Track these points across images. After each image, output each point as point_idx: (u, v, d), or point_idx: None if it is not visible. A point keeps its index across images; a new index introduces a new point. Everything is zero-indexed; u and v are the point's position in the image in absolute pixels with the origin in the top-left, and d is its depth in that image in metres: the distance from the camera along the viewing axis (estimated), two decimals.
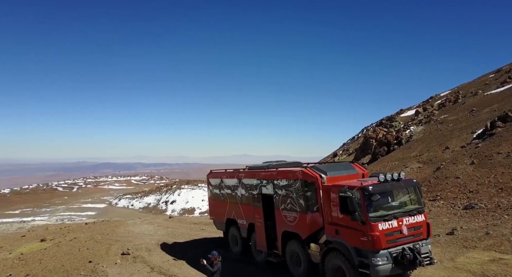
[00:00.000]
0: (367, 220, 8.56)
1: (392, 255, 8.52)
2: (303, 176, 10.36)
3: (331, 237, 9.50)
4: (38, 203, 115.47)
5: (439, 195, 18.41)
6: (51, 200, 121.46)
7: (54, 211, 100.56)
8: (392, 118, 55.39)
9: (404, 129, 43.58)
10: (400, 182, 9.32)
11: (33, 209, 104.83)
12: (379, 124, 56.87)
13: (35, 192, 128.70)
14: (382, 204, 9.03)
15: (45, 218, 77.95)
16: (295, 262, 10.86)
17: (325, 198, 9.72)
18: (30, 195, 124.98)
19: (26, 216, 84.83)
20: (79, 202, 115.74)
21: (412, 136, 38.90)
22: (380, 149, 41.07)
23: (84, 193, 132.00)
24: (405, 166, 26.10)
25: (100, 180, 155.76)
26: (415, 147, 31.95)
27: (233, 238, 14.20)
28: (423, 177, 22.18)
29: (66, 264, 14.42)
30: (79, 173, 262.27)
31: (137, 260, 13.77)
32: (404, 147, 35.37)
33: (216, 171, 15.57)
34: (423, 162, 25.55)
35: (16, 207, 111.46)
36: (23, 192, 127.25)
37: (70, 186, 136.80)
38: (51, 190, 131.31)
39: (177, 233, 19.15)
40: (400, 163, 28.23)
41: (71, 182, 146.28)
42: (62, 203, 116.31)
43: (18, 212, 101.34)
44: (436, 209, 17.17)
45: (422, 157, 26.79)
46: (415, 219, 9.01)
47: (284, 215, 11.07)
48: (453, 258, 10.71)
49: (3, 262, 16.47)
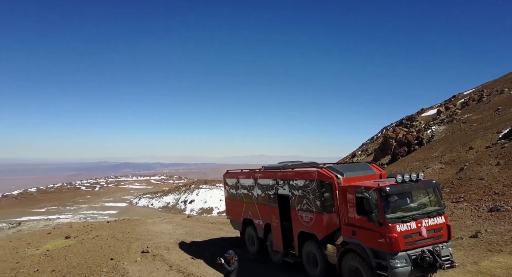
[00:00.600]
0: (384, 222, 8.44)
1: (411, 257, 8.37)
2: (319, 177, 10.31)
3: (348, 238, 9.42)
4: (63, 202, 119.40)
5: (462, 197, 17.91)
6: (75, 199, 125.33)
7: (78, 210, 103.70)
8: (413, 118, 54.12)
9: (425, 129, 42.55)
10: (419, 183, 9.13)
11: (58, 208, 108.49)
12: (399, 124, 55.67)
13: (60, 191, 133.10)
14: (400, 205, 8.88)
15: (69, 216, 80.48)
16: (312, 262, 10.82)
17: (342, 199, 9.65)
18: (55, 194, 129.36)
19: (52, 214, 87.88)
20: (101, 201, 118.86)
21: (433, 136, 37.95)
22: (400, 150, 40.26)
23: (106, 192, 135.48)
24: (427, 167, 25.52)
25: (121, 180, 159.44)
26: (437, 147, 31.18)
27: (250, 238, 14.28)
28: (446, 178, 21.63)
29: (89, 261, 14.85)
30: (100, 172, 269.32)
31: (156, 258, 14.04)
32: (426, 148, 34.58)
33: (233, 171, 15.70)
34: (445, 163, 24.91)
35: (43, 205, 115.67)
36: (48, 191, 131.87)
37: (92, 186, 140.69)
38: (75, 189, 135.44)
39: (195, 232, 19.39)
40: (421, 163, 27.63)
41: (93, 182, 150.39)
42: (85, 201, 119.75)
43: (44, 210, 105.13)
44: (459, 211, 16.71)
45: (444, 157, 26.13)
46: (435, 221, 8.81)
47: (300, 216, 11.05)
48: (476, 261, 10.40)
49: (31, 257, 17.16)
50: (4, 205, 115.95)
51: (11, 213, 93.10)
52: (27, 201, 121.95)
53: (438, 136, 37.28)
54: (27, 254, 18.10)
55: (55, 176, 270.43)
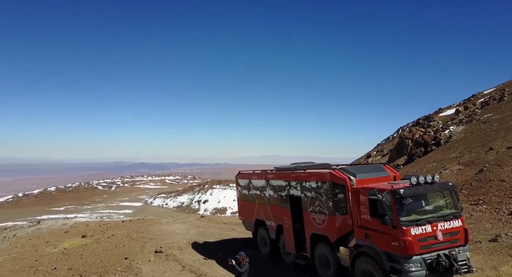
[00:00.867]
0: (398, 225, 8.27)
1: (426, 261, 8.17)
2: (331, 178, 10.19)
3: (361, 241, 9.27)
4: (80, 201, 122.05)
5: (481, 199, 17.42)
6: (92, 198, 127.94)
7: (95, 209, 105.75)
8: (430, 118, 52.97)
9: (443, 129, 41.63)
10: (434, 185, 8.91)
11: (76, 207, 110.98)
12: (415, 124, 54.55)
13: (77, 190, 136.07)
14: (415, 208, 8.69)
15: (86, 215, 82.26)
16: (324, 265, 10.71)
17: (354, 201, 9.51)
18: (73, 193, 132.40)
19: (70, 213, 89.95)
20: (117, 201, 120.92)
21: (451, 137, 37.10)
22: (417, 150, 39.48)
23: (122, 192, 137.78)
24: (444, 168, 24.94)
25: (136, 180, 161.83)
26: (455, 148, 30.45)
27: (262, 239, 14.24)
28: (464, 179, 21.09)
29: (104, 260, 15.11)
30: (117, 172, 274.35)
31: (169, 258, 14.16)
32: (443, 148, 33.83)
33: (245, 172, 15.70)
34: (464, 164, 24.29)
35: (61, 204, 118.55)
36: (66, 190, 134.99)
37: (109, 185, 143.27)
38: (92, 189, 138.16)
39: (208, 233, 19.48)
40: (439, 164, 27.03)
41: (110, 181, 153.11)
42: (101, 201, 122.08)
43: (62, 209, 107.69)
44: (478, 214, 16.25)
45: (463, 158, 25.48)
46: (451, 225, 8.58)
47: (313, 217, 10.95)
48: (496, 266, 10.07)
49: (49, 255, 17.60)
50: (25, 204, 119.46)
51: (31, 211, 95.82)
52: (46, 200, 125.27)
53: (457, 136, 36.43)
54: (46, 252, 18.56)
55: (73, 175, 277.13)
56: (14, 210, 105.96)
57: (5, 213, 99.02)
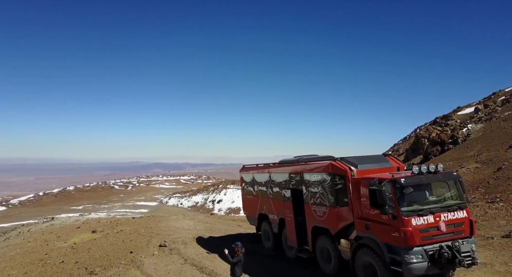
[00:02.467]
0: (398, 215, 7.96)
1: (428, 253, 7.84)
2: (332, 169, 9.94)
3: (361, 233, 8.99)
4: (98, 200, 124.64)
5: (498, 197, 16.80)
6: (109, 197, 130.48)
7: (112, 208, 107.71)
8: (448, 117, 51.53)
9: (461, 127, 40.53)
10: (438, 174, 8.55)
11: (93, 206, 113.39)
12: (432, 123, 53.18)
13: (95, 190, 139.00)
14: (417, 198, 8.36)
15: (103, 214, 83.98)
16: (326, 258, 10.45)
17: (355, 192, 9.24)
18: (90, 192, 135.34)
19: (87, 212, 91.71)
20: (133, 200, 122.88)
21: (469, 135, 36.08)
22: (433, 149, 38.60)
23: (138, 191, 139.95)
24: (461, 166, 24.28)
25: (152, 179, 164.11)
26: (473, 146, 29.58)
27: (265, 234, 14.07)
28: (481, 178, 20.44)
29: (110, 253, 15.24)
30: (133, 172, 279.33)
31: (173, 252, 14.16)
32: (461, 147, 32.95)
33: (249, 166, 15.56)
34: (481, 162, 23.56)
35: (79, 203, 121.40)
36: (84, 190, 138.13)
37: (125, 185, 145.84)
38: (109, 188, 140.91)
39: (214, 229, 19.43)
40: (455, 163, 26.32)
41: (126, 181, 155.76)
42: (118, 200, 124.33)
43: (81, 208, 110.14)
44: (493, 211, 15.64)
45: (480, 156, 24.73)
46: (456, 215, 8.21)
47: (314, 210, 10.71)
48: (507, 262, 9.62)
49: (58, 250, 17.89)
50: (45, 203, 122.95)
51: (51, 210, 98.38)
52: (65, 199, 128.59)
53: (475, 134, 35.45)
54: (56, 246, 18.89)
55: (91, 175, 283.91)
56: (35, 209, 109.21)
57: (27, 211, 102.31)
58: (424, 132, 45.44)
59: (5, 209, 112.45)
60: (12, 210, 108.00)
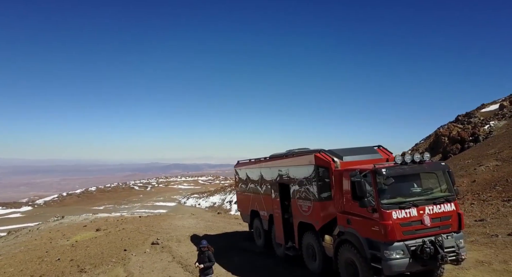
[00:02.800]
0: (378, 208, 7.35)
1: (409, 248, 7.19)
2: (316, 161, 9.40)
3: (343, 228, 8.42)
4: (118, 200, 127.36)
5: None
6: (129, 198, 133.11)
7: (131, 208, 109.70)
8: (471, 114, 49.31)
9: (482, 124, 38.78)
10: (423, 165, 7.87)
11: (114, 206, 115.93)
12: (454, 121, 51.08)
13: (116, 190, 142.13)
14: (401, 190, 7.72)
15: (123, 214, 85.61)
16: (311, 255, 9.91)
17: (338, 184, 8.67)
18: (111, 193, 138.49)
19: (108, 212, 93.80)
20: (152, 201, 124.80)
21: (491, 132, 34.46)
22: (452, 147, 37.17)
23: (157, 192, 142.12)
24: (480, 164, 23.10)
25: (171, 180, 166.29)
26: (495, 143, 28.14)
27: (257, 231, 13.63)
28: (500, 176, 19.28)
29: (105, 251, 15.19)
30: (152, 173, 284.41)
31: (164, 250, 13.95)
32: (482, 144, 31.51)
33: (243, 161, 15.14)
34: (502, 160, 22.32)
35: (101, 203, 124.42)
36: (106, 190, 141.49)
37: (144, 185, 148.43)
38: (129, 189, 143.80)
39: (214, 227, 19.17)
40: (474, 161, 25.07)
41: (146, 182, 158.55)
42: (138, 201, 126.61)
43: (102, 208, 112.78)
44: (506, 210, 14.64)
45: (501, 154, 23.46)
46: (442, 209, 7.51)
47: (300, 205, 10.19)
48: (506, 260, 8.82)
49: (59, 247, 18.05)
50: (68, 203, 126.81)
51: (74, 210, 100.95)
52: (87, 199, 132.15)
53: (497, 131, 33.93)
54: (58, 244, 19.08)
55: (112, 176, 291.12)
56: (58, 209, 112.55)
57: (51, 211, 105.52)
58: (444, 130, 43.83)
59: (31, 209, 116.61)
60: (37, 210, 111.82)
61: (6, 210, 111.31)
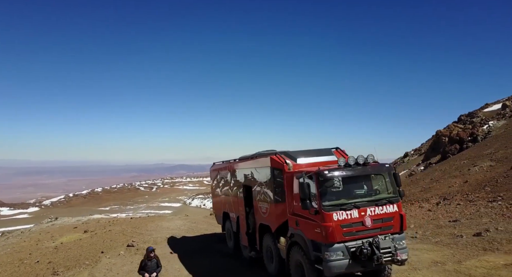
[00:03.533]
0: (320, 209, 7.33)
1: (349, 249, 7.18)
2: (272, 164, 9.41)
3: (293, 230, 8.43)
4: (124, 201, 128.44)
5: (501, 196, 15.65)
6: (134, 198, 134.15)
7: (137, 209, 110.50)
8: (473, 114, 48.69)
9: (481, 124, 38.32)
10: (367, 167, 7.82)
11: (120, 207, 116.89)
12: (457, 121, 50.49)
13: (121, 191, 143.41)
14: (345, 192, 7.68)
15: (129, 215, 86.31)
16: (269, 257, 9.91)
17: (288, 186, 8.66)
18: (117, 193, 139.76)
19: (114, 213, 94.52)
20: (158, 201, 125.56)
21: (490, 132, 34.04)
22: (451, 147, 36.83)
23: (162, 192, 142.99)
24: (474, 165, 22.96)
25: (176, 181, 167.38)
26: (492, 143, 27.91)
27: (228, 232, 13.65)
28: (491, 176, 19.08)
29: (84, 253, 15.33)
30: (157, 174, 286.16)
31: (138, 252, 13.99)
32: (480, 144, 31.27)
33: (217, 163, 15.17)
34: (496, 160, 22.15)
35: (107, 204, 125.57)
36: (111, 191, 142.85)
37: (150, 186, 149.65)
38: (134, 190, 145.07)
39: (196, 228, 19.26)
40: (470, 161, 24.92)
41: (151, 183, 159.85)
42: (143, 201, 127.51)
43: (108, 209, 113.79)
44: (486, 210, 14.55)
45: (496, 154, 23.29)
46: (384, 210, 7.47)
47: (260, 207, 10.21)
48: (461, 260, 8.71)
49: (43, 249, 18.23)
50: (75, 203, 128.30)
51: (80, 211, 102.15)
52: (94, 200, 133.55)
53: (496, 131, 33.61)
54: (44, 246, 19.29)
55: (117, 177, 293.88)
56: (65, 209, 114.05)
57: (57, 212, 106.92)
58: (445, 130, 43.47)
59: (38, 209, 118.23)
60: (44, 211, 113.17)
61: (14, 211, 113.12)
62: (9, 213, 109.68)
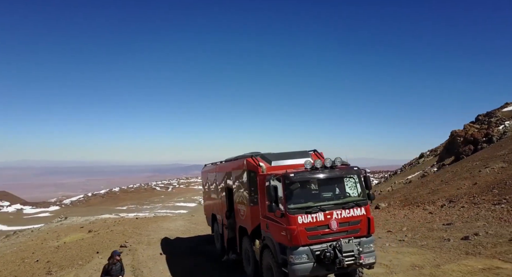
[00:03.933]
0: (285, 212, 7.24)
1: (314, 253, 7.06)
2: (247, 166, 9.36)
3: (264, 232, 8.37)
4: (141, 201, 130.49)
5: (506, 199, 15.03)
6: (151, 198, 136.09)
7: (153, 209, 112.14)
8: (492, 114, 46.94)
9: (497, 124, 36.93)
10: (335, 170, 7.65)
11: (137, 206, 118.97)
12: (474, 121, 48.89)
13: (138, 191, 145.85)
14: (312, 195, 7.56)
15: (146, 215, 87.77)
16: (247, 260, 9.85)
17: (261, 189, 8.59)
18: (134, 193, 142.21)
19: (131, 212, 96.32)
20: (173, 201, 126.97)
21: (506, 133, 32.83)
22: (465, 148, 35.65)
23: (178, 192, 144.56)
24: (485, 166, 22.22)
25: (191, 181, 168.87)
26: (507, 144, 26.90)
27: (217, 234, 13.65)
28: (501, 178, 18.37)
29: (81, 253, 15.68)
30: (173, 174, 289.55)
31: (129, 253, 14.16)
32: (494, 145, 30.28)
33: (207, 165, 15.23)
34: (509, 162, 21.40)
35: (124, 203, 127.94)
36: (129, 191, 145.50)
37: (166, 186, 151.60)
38: (151, 190, 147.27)
39: (194, 229, 19.38)
40: (482, 163, 24.13)
41: (167, 183, 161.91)
42: (159, 201, 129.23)
43: (125, 208, 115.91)
44: (485, 213, 14.04)
45: (510, 156, 22.52)
46: (351, 213, 7.30)
47: (239, 209, 10.19)
48: (440, 264, 8.44)
49: (46, 249, 18.77)
50: (93, 203, 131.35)
51: (98, 210, 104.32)
52: (111, 199, 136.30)
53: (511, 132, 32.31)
54: (48, 245, 19.86)
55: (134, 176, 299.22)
56: (84, 208, 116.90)
57: (77, 211, 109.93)
58: (460, 130, 42.16)
59: (58, 208, 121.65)
60: (64, 210, 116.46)
61: (35, 209, 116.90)
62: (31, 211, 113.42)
